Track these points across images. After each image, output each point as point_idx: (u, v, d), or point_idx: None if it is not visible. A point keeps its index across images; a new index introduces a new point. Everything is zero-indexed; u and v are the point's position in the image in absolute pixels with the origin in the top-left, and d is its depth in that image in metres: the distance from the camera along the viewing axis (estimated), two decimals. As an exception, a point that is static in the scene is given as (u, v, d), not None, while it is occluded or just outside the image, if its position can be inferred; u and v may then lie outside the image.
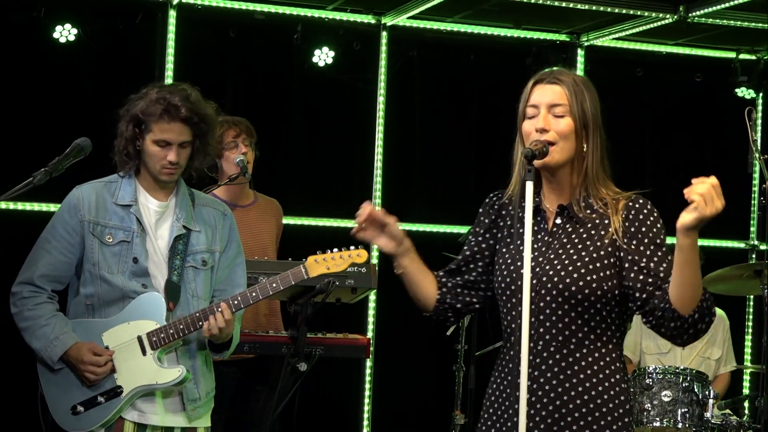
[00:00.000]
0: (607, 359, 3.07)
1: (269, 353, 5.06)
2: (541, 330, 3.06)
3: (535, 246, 3.08)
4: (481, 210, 3.31)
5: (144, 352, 3.82)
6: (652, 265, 3.02)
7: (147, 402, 3.84)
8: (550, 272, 3.06)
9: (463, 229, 6.73)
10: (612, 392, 3.06)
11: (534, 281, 3.05)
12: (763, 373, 5.18)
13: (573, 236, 3.10)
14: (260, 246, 5.39)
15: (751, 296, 8.08)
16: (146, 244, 3.87)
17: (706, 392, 5.67)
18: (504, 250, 3.20)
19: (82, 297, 3.88)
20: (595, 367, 3.05)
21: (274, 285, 3.92)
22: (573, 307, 3.03)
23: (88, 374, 3.79)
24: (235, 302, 3.85)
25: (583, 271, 3.04)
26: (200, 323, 3.81)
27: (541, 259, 3.09)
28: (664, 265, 3.02)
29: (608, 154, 3.14)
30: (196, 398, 3.90)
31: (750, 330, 8.24)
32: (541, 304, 3.06)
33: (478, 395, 5.84)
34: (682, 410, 5.60)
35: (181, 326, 3.81)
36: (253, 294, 3.89)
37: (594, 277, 3.03)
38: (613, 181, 3.17)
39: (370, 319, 7.59)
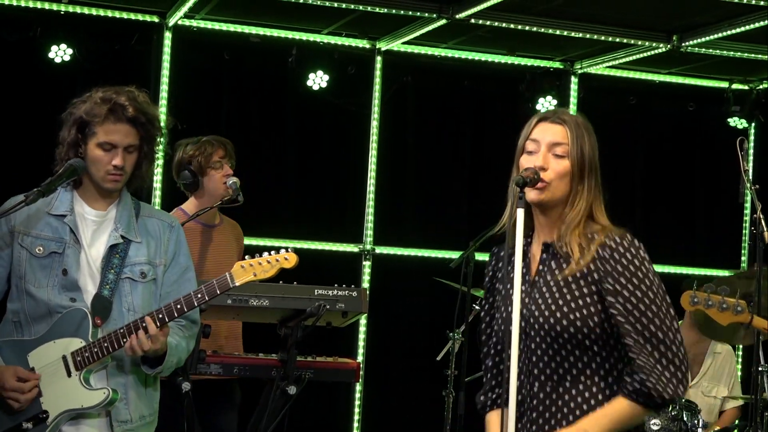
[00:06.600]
0: (594, 397, 3.05)
1: (258, 376, 5.05)
2: (536, 371, 3.06)
3: (523, 288, 3.06)
4: (486, 269, 3.31)
5: (69, 374, 3.55)
6: (634, 311, 3.00)
7: (73, 427, 3.57)
8: (536, 313, 3.06)
9: (454, 254, 6.70)
10: None
11: (522, 323, 3.04)
12: (751, 404, 5.18)
13: (557, 273, 3.09)
14: (229, 264, 5.38)
15: (742, 325, 8.08)
16: (79, 255, 3.60)
17: (695, 421, 5.66)
18: (499, 295, 3.20)
19: (9, 314, 3.63)
20: (585, 407, 3.04)
21: (200, 296, 3.57)
22: (562, 346, 3.02)
23: (11, 401, 3.52)
24: (160, 316, 3.52)
25: (565, 309, 3.03)
26: (124, 340, 3.51)
27: (527, 300, 3.09)
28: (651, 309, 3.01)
29: (604, 197, 3.12)
30: (127, 420, 3.60)
31: (740, 360, 8.23)
32: (532, 346, 3.06)
33: (468, 421, 5.84)
34: (671, 439, 5.59)
35: (106, 344, 3.52)
36: (178, 306, 3.55)
37: (578, 314, 3.02)
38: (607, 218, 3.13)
39: (361, 343, 7.57)
